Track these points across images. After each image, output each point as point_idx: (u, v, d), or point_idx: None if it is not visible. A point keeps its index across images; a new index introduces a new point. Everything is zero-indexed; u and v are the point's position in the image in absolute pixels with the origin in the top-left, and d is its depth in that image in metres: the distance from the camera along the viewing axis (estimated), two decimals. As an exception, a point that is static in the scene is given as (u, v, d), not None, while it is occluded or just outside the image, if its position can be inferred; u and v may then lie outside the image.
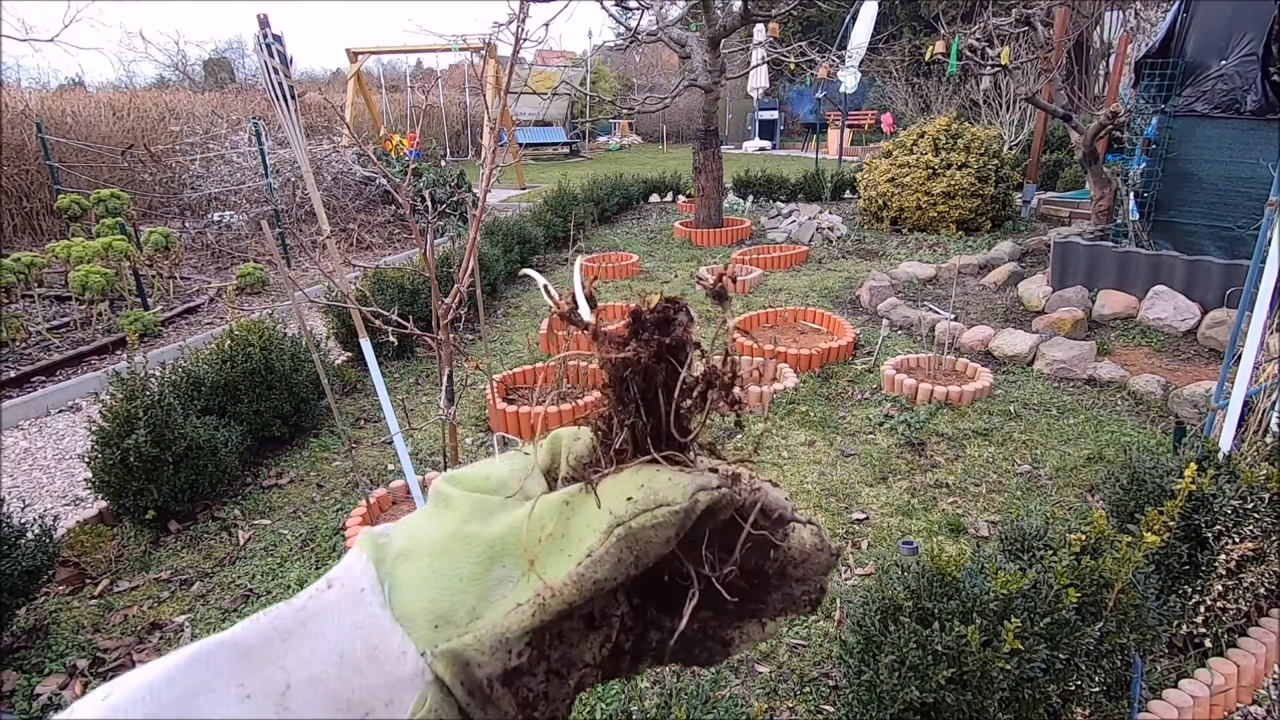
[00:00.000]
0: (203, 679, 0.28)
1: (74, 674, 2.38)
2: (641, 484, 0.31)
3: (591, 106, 19.56)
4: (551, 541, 0.32)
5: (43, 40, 5.91)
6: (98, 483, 3.00)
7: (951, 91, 13.16)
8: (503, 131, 12.48)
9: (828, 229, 8.19)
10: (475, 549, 0.32)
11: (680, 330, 0.33)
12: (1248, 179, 4.99)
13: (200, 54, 27.65)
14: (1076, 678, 1.72)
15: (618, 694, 2.21)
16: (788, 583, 0.36)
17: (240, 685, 0.28)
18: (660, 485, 0.31)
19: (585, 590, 0.30)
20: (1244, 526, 2.12)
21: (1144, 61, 5.43)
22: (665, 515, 0.30)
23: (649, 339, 0.33)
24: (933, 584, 1.76)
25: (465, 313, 2.01)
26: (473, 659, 0.30)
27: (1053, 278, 5.59)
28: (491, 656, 0.30)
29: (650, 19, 8.18)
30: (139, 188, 8.95)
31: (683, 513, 0.30)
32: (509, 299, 6.51)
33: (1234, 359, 2.50)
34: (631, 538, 0.30)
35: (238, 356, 3.58)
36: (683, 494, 0.30)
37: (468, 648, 0.30)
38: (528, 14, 1.72)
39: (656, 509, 0.30)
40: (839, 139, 14.50)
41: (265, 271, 6.87)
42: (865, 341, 5.04)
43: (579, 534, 0.31)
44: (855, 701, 1.76)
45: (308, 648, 0.30)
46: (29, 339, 5.29)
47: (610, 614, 0.34)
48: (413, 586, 0.31)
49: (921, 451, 3.62)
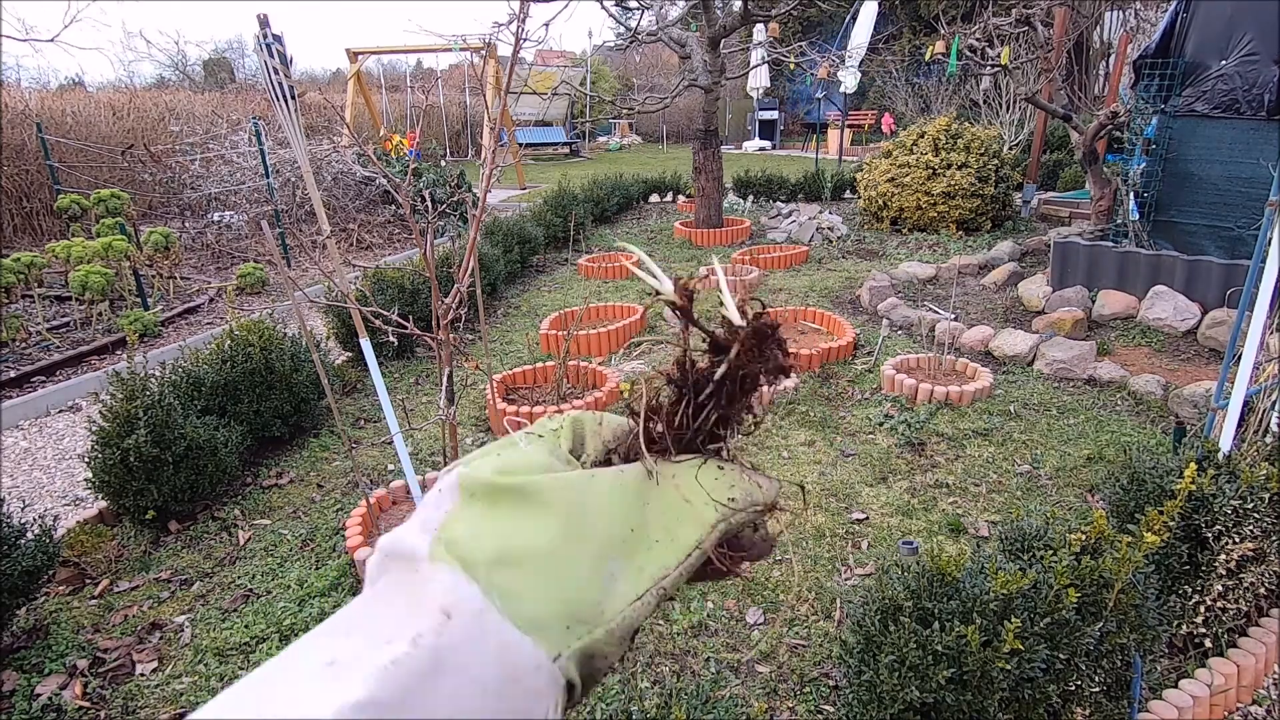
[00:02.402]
0: None
1: (74, 674, 2.38)
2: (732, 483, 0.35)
3: (591, 106, 19.56)
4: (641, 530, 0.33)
5: (43, 40, 5.90)
6: (98, 483, 3.00)
7: (951, 91, 13.16)
8: (503, 131, 12.48)
9: (828, 229, 8.19)
10: (588, 546, 0.32)
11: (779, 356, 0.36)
12: (1248, 179, 4.99)
13: (200, 54, 27.66)
14: (1076, 678, 1.72)
15: (617, 694, 2.21)
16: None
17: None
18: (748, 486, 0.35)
19: (685, 576, 0.33)
20: (1244, 526, 2.12)
21: (1142, 61, 5.43)
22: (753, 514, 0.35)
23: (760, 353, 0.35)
24: (933, 584, 1.76)
25: (465, 313, 2.01)
26: (599, 651, 0.31)
27: (1053, 278, 5.59)
28: (619, 646, 0.31)
29: (650, 19, 8.18)
30: (139, 188, 8.95)
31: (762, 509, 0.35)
32: (509, 299, 6.51)
33: (1234, 359, 2.50)
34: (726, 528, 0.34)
35: (238, 356, 3.58)
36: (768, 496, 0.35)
37: (598, 642, 0.30)
38: (528, 14, 1.72)
39: (750, 508, 0.35)
40: (839, 139, 14.50)
41: (265, 271, 6.87)
42: (865, 341, 5.04)
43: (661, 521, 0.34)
44: (855, 701, 1.76)
45: (448, 689, 0.27)
46: (29, 339, 5.29)
47: None
48: (533, 593, 0.30)
49: (921, 451, 3.62)
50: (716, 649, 2.40)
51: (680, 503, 0.34)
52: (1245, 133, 5.00)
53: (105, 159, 9.55)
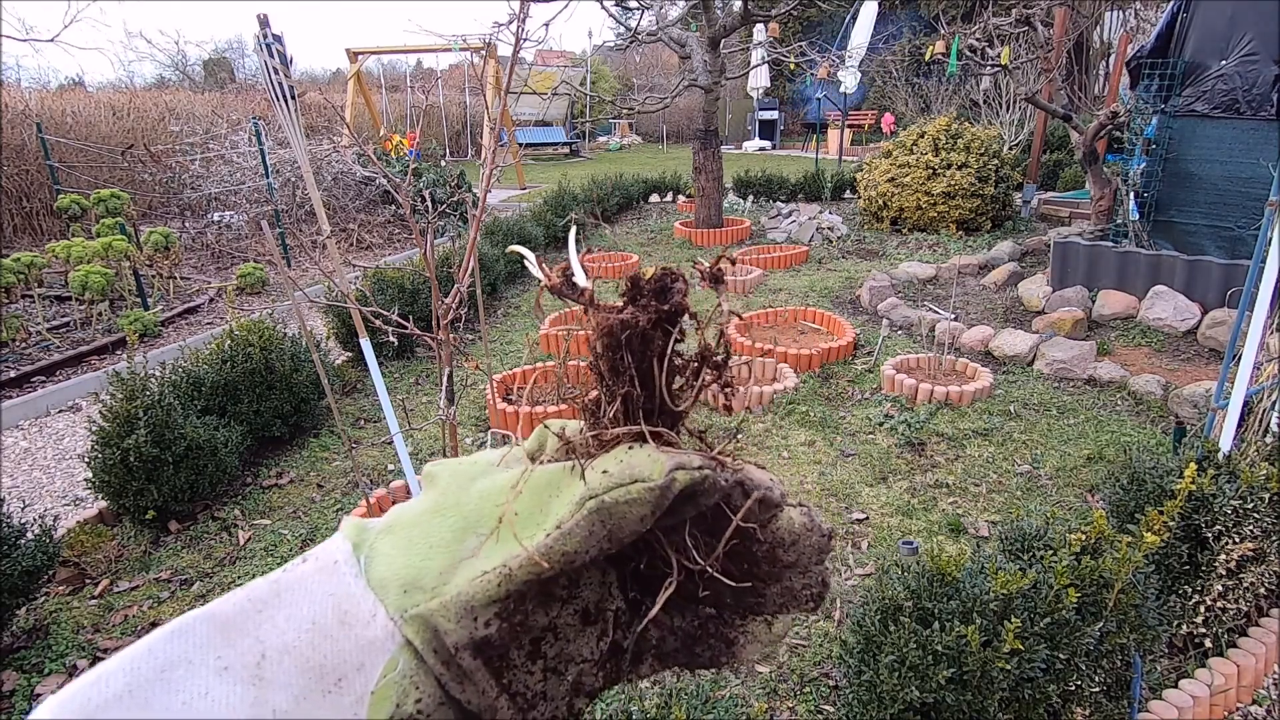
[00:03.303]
0: (181, 651, 0.29)
1: (74, 674, 2.38)
2: (620, 459, 0.31)
3: (591, 106, 19.56)
4: (530, 516, 0.31)
5: (43, 40, 5.91)
6: (98, 483, 3.00)
7: (951, 91, 13.16)
8: (503, 131, 12.48)
9: (828, 229, 8.19)
10: (449, 518, 0.32)
11: (678, 297, 0.33)
12: (1248, 179, 4.99)
13: (200, 54, 27.65)
14: (1076, 678, 1.72)
15: (617, 694, 2.21)
16: (785, 573, 0.35)
17: (218, 657, 0.29)
18: (639, 461, 0.30)
19: (554, 561, 0.30)
20: (1244, 526, 2.12)
21: (1137, 61, 5.43)
22: (640, 491, 0.29)
23: (647, 304, 0.32)
24: (933, 584, 1.76)
25: (465, 313, 2.01)
26: (440, 625, 0.30)
27: (1053, 278, 5.59)
28: (458, 624, 0.30)
29: (650, 19, 8.18)
30: (139, 188, 8.95)
31: (658, 490, 0.29)
32: (509, 299, 6.51)
33: (1234, 359, 2.50)
34: (604, 511, 0.29)
35: (238, 356, 3.58)
36: (660, 471, 0.30)
37: (434, 613, 0.30)
38: (528, 14, 1.72)
39: (632, 484, 0.30)
40: (839, 139, 14.49)
41: (265, 271, 6.87)
42: (865, 341, 5.04)
43: (557, 510, 0.31)
44: (855, 701, 1.76)
45: (282, 617, 0.30)
46: (29, 339, 5.29)
47: (605, 608, 0.34)
48: (388, 556, 0.32)
49: (921, 451, 3.62)
50: (716, 649, 2.40)
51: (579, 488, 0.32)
52: (1245, 133, 5.00)
53: (105, 159, 9.55)
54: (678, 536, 0.32)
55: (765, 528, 0.34)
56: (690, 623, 0.36)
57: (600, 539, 0.30)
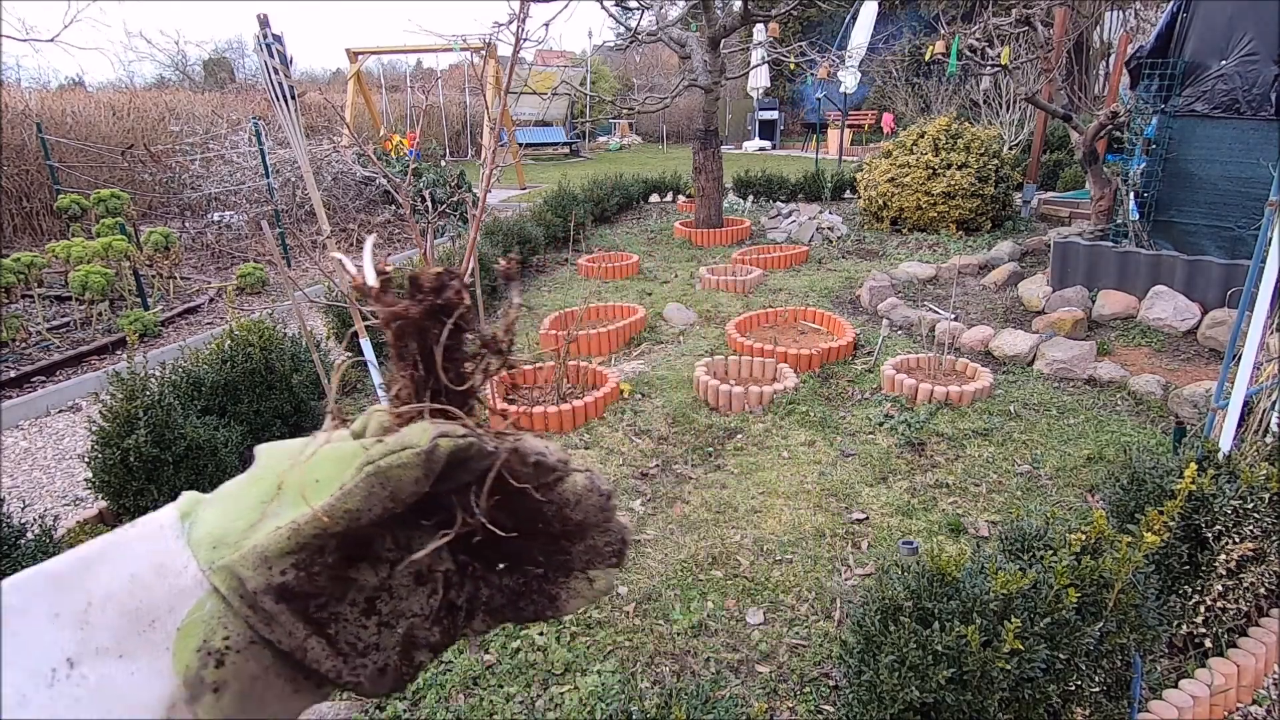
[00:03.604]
0: (17, 602, 0.33)
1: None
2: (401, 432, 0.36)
3: (591, 106, 19.56)
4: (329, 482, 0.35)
5: (43, 40, 5.91)
6: (98, 483, 3.00)
7: (951, 91, 13.16)
8: (503, 131, 12.48)
9: (828, 229, 8.19)
10: (259, 487, 0.37)
11: (451, 293, 0.38)
12: (1248, 179, 4.99)
13: (200, 54, 27.63)
14: (1076, 678, 1.72)
15: (618, 694, 2.21)
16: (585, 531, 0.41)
17: (50, 606, 0.33)
18: (411, 431, 0.35)
19: (336, 517, 0.34)
20: (1244, 527, 2.12)
21: (1137, 61, 5.43)
22: (409, 456, 0.34)
23: (422, 299, 0.37)
24: (933, 584, 1.76)
25: (465, 313, 2.01)
26: (240, 573, 0.34)
27: (1053, 278, 5.59)
28: (255, 571, 0.34)
29: (650, 19, 8.18)
30: (139, 188, 8.95)
31: (424, 454, 0.34)
32: (509, 299, 6.51)
33: (1234, 359, 2.50)
34: (381, 474, 0.34)
35: (238, 357, 3.58)
36: (426, 438, 0.35)
37: (235, 563, 0.34)
38: (528, 14, 1.72)
39: (402, 450, 0.34)
40: (839, 139, 14.49)
41: (265, 271, 6.87)
42: (865, 341, 5.04)
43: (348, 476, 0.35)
44: (855, 701, 1.76)
45: (106, 571, 0.35)
46: (29, 339, 5.29)
47: (435, 569, 0.39)
48: (206, 520, 0.36)
49: (921, 451, 3.62)
50: (716, 649, 2.40)
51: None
52: (1245, 133, 5.00)
53: (105, 159, 9.55)
54: (464, 499, 0.37)
55: (552, 489, 0.39)
56: (517, 581, 0.41)
57: (383, 499, 0.34)
